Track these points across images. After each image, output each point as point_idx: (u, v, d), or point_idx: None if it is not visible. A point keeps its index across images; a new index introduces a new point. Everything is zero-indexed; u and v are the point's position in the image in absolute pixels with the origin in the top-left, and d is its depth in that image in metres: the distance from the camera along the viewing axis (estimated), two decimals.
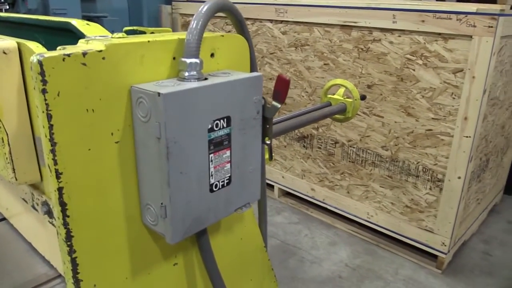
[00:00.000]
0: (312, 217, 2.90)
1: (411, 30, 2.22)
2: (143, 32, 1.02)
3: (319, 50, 2.63)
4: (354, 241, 2.64)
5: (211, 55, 0.91)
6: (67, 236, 0.77)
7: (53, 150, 0.72)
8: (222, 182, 0.88)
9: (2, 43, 0.89)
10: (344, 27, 2.47)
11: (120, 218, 0.84)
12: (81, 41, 0.80)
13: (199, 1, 3.31)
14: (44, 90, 0.69)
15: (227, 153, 0.87)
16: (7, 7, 2.88)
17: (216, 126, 0.83)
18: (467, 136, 2.13)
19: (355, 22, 2.40)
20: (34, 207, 1.04)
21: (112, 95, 0.77)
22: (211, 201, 0.87)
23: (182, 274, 0.99)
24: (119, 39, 0.79)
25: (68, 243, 0.78)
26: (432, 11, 2.12)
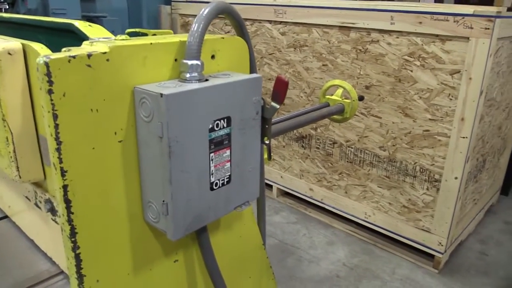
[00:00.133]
0: (310, 216, 2.93)
1: (408, 31, 2.24)
2: (145, 34, 1.04)
3: (317, 51, 2.66)
4: (352, 240, 2.67)
5: (211, 56, 0.94)
6: (72, 233, 0.80)
7: (58, 149, 0.75)
8: (222, 180, 0.91)
9: (7, 44, 0.91)
10: (343, 28, 2.50)
11: (122, 215, 0.87)
12: (85, 43, 0.82)
13: (198, 1, 3.33)
14: (50, 90, 0.72)
15: (227, 152, 0.90)
16: (7, 6, 2.89)
17: (216, 126, 0.86)
18: (463, 137, 2.16)
19: (353, 24, 2.43)
20: (37, 204, 1.07)
21: (116, 95, 0.80)
22: (211, 199, 0.89)
23: (183, 271, 1.02)
24: (122, 41, 0.82)
25: (72, 239, 0.80)
26: (429, 13, 2.15)
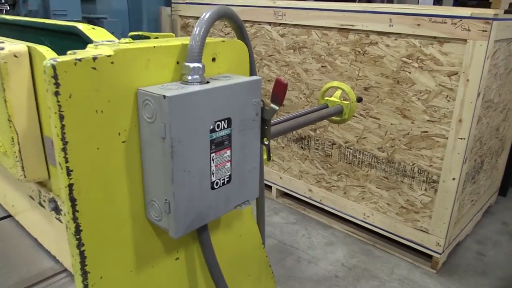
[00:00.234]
0: (309, 217, 2.96)
1: (407, 33, 2.27)
2: (147, 37, 1.07)
3: (317, 53, 2.69)
4: (351, 241, 2.70)
5: (212, 59, 0.97)
6: (76, 230, 0.83)
7: (64, 148, 0.77)
8: (223, 180, 0.94)
9: (14, 47, 0.94)
10: (342, 30, 2.53)
11: (125, 213, 0.90)
12: (89, 46, 0.85)
13: (198, 3, 3.36)
14: (57, 92, 0.75)
15: (228, 152, 0.93)
16: (8, 8, 2.92)
17: (217, 127, 0.89)
18: (461, 138, 2.19)
19: (352, 26, 2.46)
20: (41, 203, 1.10)
21: (120, 97, 0.83)
22: (212, 198, 0.92)
23: (184, 268, 1.05)
24: (126, 44, 0.85)
25: (77, 237, 0.83)
26: (427, 15, 2.18)
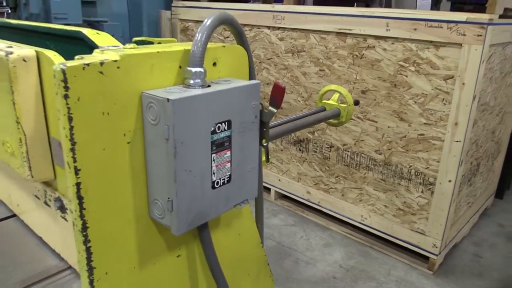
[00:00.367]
0: (307, 219, 3.01)
1: (404, 37, 2.33)
2: (151, 42, 1.12)
3: (315, 56, 2.74)
4: (348, 242, 2.74)
5: (213, 64, 1.02)
6: (83, 227, 0.87)
7: (72, 149, 0.82)
8: (223, 180, 0.98)
9: (22, 52, 0.99)
10: (340, 34, 2.58)
11: (129, 211, 0.94)
12: (96, 51, 0.90)
13: (198, 7, 3.41)
14: (66, 95, 0.79)
15: (228, 153, 0.97)
16: (9, 11, 2.97)
17: (218, 128, 0.93)
18: (457, 141, 2.24)
19: (350, 30, 2.52)
20: (46, 203, 1.14)
21: (125, 100, 0.87)
22: (213, 197, 0.97)
23: (185, 265, 1.09)
24: (131, 49, 0.89)
25: (84, 234, 0.87)
26: (424, 20, 2.24)
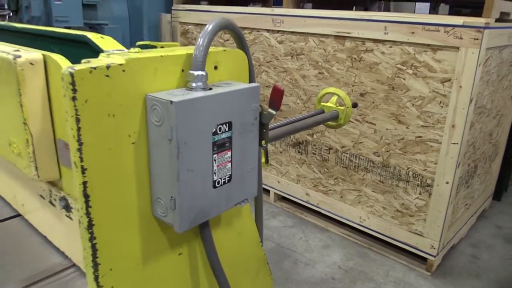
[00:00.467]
0: (306, 221, 3.04)
1: (401, 41, 2.38)
2: (154, 47, 1.16)
3: (314, 59, 2.79)
4: (347, 244, 2.78)
5: (214, 67, 1.06)
6: (89, 225, 0.91)
7: (79, 149, 0.86)
8: (224, 179, 1.02)
9: (30, 55, 1.03)
10: (338, 37, 2.63)
11: (133, 210, 0.98)
12: (102, 55, 0.94)
13: (198, 10, 3.46)
14: (74, 97, 0.83)
15: (229, 154, 1.01)
16: (10, 13, 3.01)
17: (219, 130, 0.97)
18: (454, 143, 2.28)
19: (348, 33, 2.57)
20: (51, 202, 1.18)
21: (130, 102, 0.91)
22: (214, 196, 1.01)
23: (186, 263, 1.13)
24: (136, 53, 0.94)
25: (90, 231, 0.91)
26: (421, 24, 2.29)
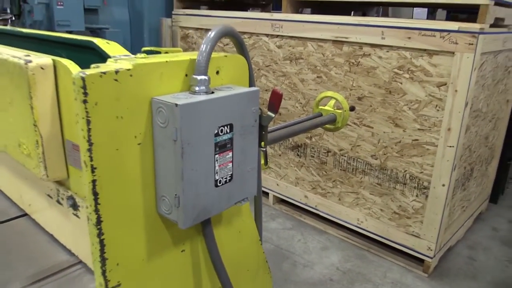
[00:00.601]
0: (305, 223, 3.10)
1: (398, 46, 2.45)
2: (158, 52, 1.22)
3: (312, 64, 2.86)
4: (345, 246, 2.84)
5: (216, 72, 1.12)
6: (97, 221, 0.97)
7: (89, 149, 0.92)
8: (225, 178, 1.08)
9: (40, 60, 1.09)
10: (336, 42, 2.70)
11: (139, 207, 1.04)
12: (110, 60, 1.00)
13: (198, 15, 3.53)
14: (85, 100, 0.89)
15: (230, 154, 1.07)
16: (13, 17, 3.08)
17: (221, 131, 1.03)
18: (450, 146, 2.35)
19: (346, 38, 2.64)
20: (59, 201, 1.24)
21: (137, 105, 0.97)
22: (216, 194, 1.07)
23: (189, 259, 1.19)
24: (142, 59, 1.00)
25: (98, 227, 0.97)
26: (417, 29, 2.36)
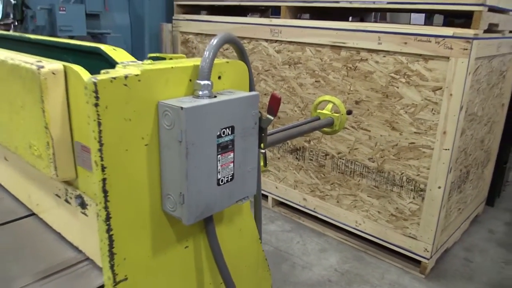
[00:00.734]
0: (304, 225, 3.17)
1: (394, 51, 2.53)
2: (163, 58, 1.30)
3: (310, 68, 2.94)
4: (343, 248, 2.91)
5: (218, 77, 1.20)
6: (107, 218, 1.04)
7: (100, 149, 0.99)
8: (227, 178, 1.16)
9: (52, 66, 1.16)
10: (334, 47, 2.79)
11: (145, 205, 1.11)
12: (119, 66, 1.08)
13: (198, 20, 3.62)
14: (96, 104, 0.97)
15: (231, 155, 1.15)
16: (16, 23, 3.16)
17: (223, 133, 1.11)
18: (446, 149, 2.43)
19: (344, 43, 2.72)
20: (67, 200, 1.31)
21: (144, 108, 1.05)
22: (218, 192, 1.14)
23: (192, 256, 1.26)
24: (149, 65, 1.07)
25: (107, 223, 1.04)
26: (413, 34, 2.44)
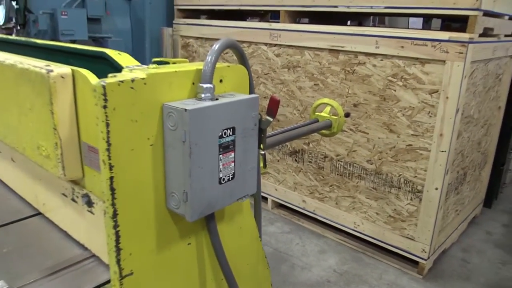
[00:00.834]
0: (303, 227, 3.23)
1: (392, 54, 2.60)
2: (166, 62, 1.36)
3: (309, 72, 3.01)
4: (342, 249, 2.97)
5: (220, 81, 1.26)
6: (114, 214, 1.10)
7: (108, 149, 1.06)
8: (228, 176, 1.22)
9: (60, 70, 1.23)
10: (332, 51, 2.86)
11: (150, 202, 1.17)
12: (125, 70, 1.14)
13: (198, 24, 3.69)
14: (105, 106, 1.03)
15: (232, 154, 1.21)
16: (18, 27, 3.23)
17: (224, 134, 1.17)
18: (442, 151, 2.49)
19: (342, 47, 2.79)
20: (74, 199, 1.37)
21: (150, 110, 1.11)
22: (220, 191, 1.21)
23: (194, 252, 1.32)
24: (154, 69, 1.14)
25: (114, 220, 1.10)
26: (410, 38, 2.51)
